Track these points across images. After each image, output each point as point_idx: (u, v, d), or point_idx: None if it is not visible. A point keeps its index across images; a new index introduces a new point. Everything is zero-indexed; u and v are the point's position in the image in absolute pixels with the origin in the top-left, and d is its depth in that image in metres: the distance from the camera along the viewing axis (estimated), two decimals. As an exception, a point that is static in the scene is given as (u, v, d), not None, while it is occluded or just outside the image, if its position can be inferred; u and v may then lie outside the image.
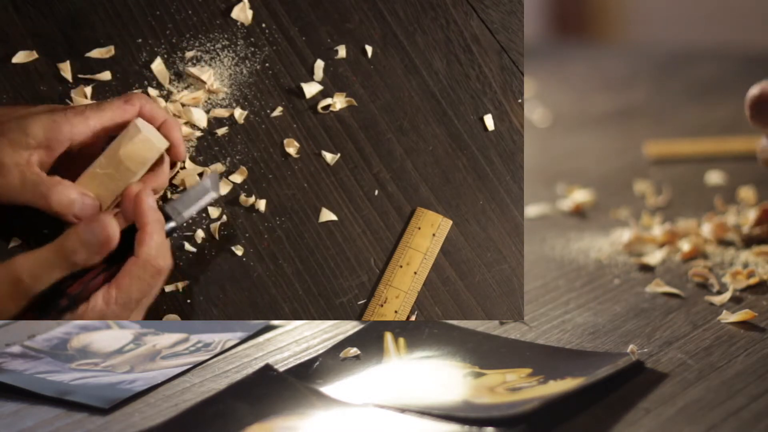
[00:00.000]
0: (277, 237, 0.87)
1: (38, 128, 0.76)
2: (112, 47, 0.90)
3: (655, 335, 0.79)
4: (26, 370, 0.78)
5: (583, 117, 1.30)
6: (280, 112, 0.90)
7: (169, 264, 0.75)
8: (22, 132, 0.76)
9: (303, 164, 0.89)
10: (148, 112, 0.80)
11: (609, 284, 0.88)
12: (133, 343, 0.83)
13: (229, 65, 0.91)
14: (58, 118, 0.77)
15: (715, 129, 1.22)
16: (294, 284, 0.86)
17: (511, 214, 0.90)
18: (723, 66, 1.45)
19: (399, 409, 0.71)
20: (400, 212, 0.89)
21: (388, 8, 0.94)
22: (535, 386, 0.73)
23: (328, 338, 0.81)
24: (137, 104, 0.79)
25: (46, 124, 0.76)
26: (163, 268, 0.74)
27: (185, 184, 0.86)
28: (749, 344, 0.78)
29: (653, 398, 0.71)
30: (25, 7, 0.90)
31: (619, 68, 1.48)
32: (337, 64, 0.92)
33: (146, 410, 0.73)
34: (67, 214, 0.76)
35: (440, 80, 0.92)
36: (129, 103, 0.79)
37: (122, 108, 0.79)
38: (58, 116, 0.77)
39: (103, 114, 0.78)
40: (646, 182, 1.07)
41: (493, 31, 0.94)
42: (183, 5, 0.92)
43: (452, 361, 0.77)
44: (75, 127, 0.77)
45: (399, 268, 0.86)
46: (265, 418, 0.70)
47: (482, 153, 0.91)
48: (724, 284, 0.87)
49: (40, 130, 0.76)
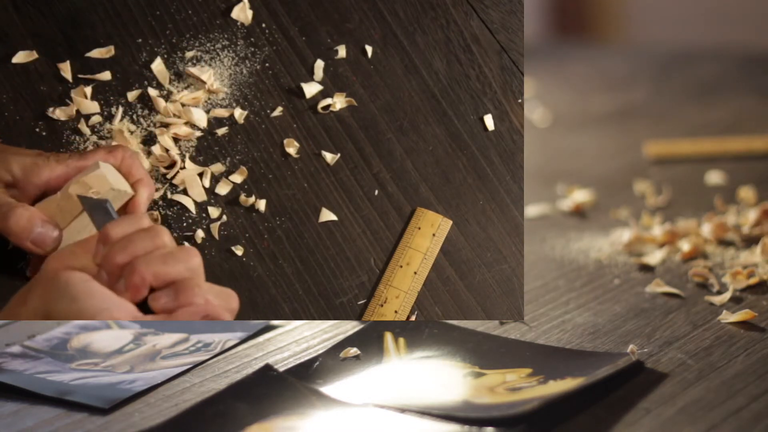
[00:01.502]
0: (277, 237, 0.87)
1: (18, 167, 0.77)
2: (112, 47, 0.90)
3: (655, 335, 0.79)
4: (26, 370, 0.78)
5: (583, 117, 1.30)
6: (280, 112, 0.90)
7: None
8: (1, 165, 0.77)
9: (303, 164, 0.89)
10: (126, 167, 0.80)
11: (609, 284, 0.88)
12: (133, 343, 0.83)
13: (229, 65, 0.91)
14: (41, 162, 0.78)
15: (715, 129, 1.22)
16: (294, 284, 0.86)
17: (511, 214, 0.90)
18: (723, 66, 1.45)
19: (399, 409, 0.71)
20: (400, 212, 0.89)
21: (388, 8, 0.94)
22: (535, 386, 0.73)
23: (328, 338, 0.81)
24: (119, 156, 0.80)
25: (27, 165, 0.78)
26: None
27: (185, 184, 0.86)
28: (749, 344, 0.78)
29: (653, 398, 0.71)
30: (25, 7, 0.90)
31: (619, 68, 1.48)
32: (337, 64, 0.92)
33: (146, 410, 0.73)
34: (24, 239, 0.76)
35: (440, 80, 0.92)
36: (111, 154, 0.79)
37: (104, 158, 0.79)
38: (41, 161, 0.78)
39: (85, 163, 0.79)
40: (646, 182, 1.08)
41: (493, 31, 0.94)
42: (183, 5, 0.92)
43: (452, 361, 0.77)
44: (53, 173, 0.78)
45: (399, 268, 0.86)
46: (265, 418, 0.70)
47: (482, 153, 0.91)
48: (724, 284, 0.87)
49: (19, 170, 0.77)
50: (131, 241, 0.70)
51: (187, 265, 0.70)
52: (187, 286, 0.69)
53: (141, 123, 0.88)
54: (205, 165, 0.87)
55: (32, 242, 0.76)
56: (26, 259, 0.81)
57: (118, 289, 0.69)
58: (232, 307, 0.71)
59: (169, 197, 0.86)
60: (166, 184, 0.86)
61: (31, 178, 0.77)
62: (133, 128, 0.88)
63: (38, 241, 0.76)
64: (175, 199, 0.86)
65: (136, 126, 0.88)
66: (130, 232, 0.71)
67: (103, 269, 0.70)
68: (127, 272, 0.69)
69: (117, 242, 0.70)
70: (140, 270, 0.69)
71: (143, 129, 0.88)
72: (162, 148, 0.87)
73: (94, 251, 0.72)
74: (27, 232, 0.76)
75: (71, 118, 0.87)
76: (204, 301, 0.69)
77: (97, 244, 0.72)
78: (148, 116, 0.88)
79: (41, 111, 0.87)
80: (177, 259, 0.70)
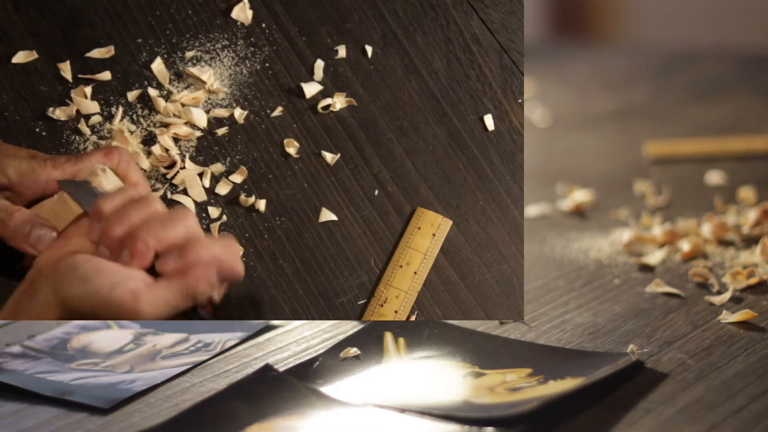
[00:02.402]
0: (277, 237, 0.87)
1: (13, 171, 0.77)
2: (112, 47, 0.90)
3: (655, 335, 0.79)
4: (26, 370, 0.78)
5: (583, 117, 1.30)
6: (280, 112, 0.90)
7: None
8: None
9: (303, 164, 0.89)
10: (123, 170, 0.79)
11: (609, 284, 0.88)
12: (133, 343, 0.83)
13: (229, 65, 0.91)
14: (37, 166, 0.77)
15: (715, 129, 1.22)
16: (294, 284, 0.86)
17: (511, 214, 0.90)
18: (723, 66, 1.45)
19: (399, 409, 0.71)
20: (400, 212, 0.89)
21: (388, 8, 0.94)
22: (535, 386, 0.73)
23: (328, 338, 0.81)
24: (116, 159, 0.79)
25: (23, 169, 0.77)
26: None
27: (185, 184, 0.86)
28: (749, 344, 0.78)
29: (653, 398, 0.71)
30: (25, 7, 0.90)
31: (619, 68, 1.48)
32: (337, 64, 0.92)
33: (146, 410, 0.73)
34: (22, 242, 0.76)
35: (440, 80, 0.92)
36: (108, 157, 0.79)
37: (100, 161, 0.78)
38: (37, 164, 0.77)
39: (82, 166, 0.78)
40: (646, 182, 1.07)
41: (493, 31, 0.94)
42: (183, 5, 0.92)
43: (452, 361, 0.77)
44: (50, 177, 0.77)
45: (399, 268, 0.86)
46: (265, 418, 0.70)
47: (482, 153, 0.91)
48: (724, 284, 0.87)
49: (15, 174, 0.77)
50: (126, 212, 0.71)
51: (186, 224, 0.71)
52: (191, 244, 0.70)
53: (141, 123, 0.88)
54: (205, 165, 0.87)
55: (31, 245, 0.76)
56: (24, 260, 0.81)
57: (122, 261, 0.70)
58: (236, 251, 0.72)
59: (169, 197, 0.86)
60: (166, 184, 0.86)
61: (26, 182, 0.77)
62: (133, 128, 0.88)
63: (36, 244, 0.76)
64: (175, 199, 0.86)
65: (136, 126, 0.88)
66: (121, 204, 0.72)
67: (103, 245, 0.71)
68: (130, 242, 0.70)
69: (112, 215, 0.71)
70: (142, 237, 0.69)
71: (143, 129, 0.88)
72: (162, 148, 0.87)
73: (87, 230, 0.72)
74: (25, 235, 0.76)
75: (71, 118, 0.87)
76: (211, 254, 0.70)
77: (90, 221, 0.72)
78: (148, 116, 0.88)
79: (41, 111, 0.87)
80: (175, 220, 0.70)
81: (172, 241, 0.70)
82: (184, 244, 0.70)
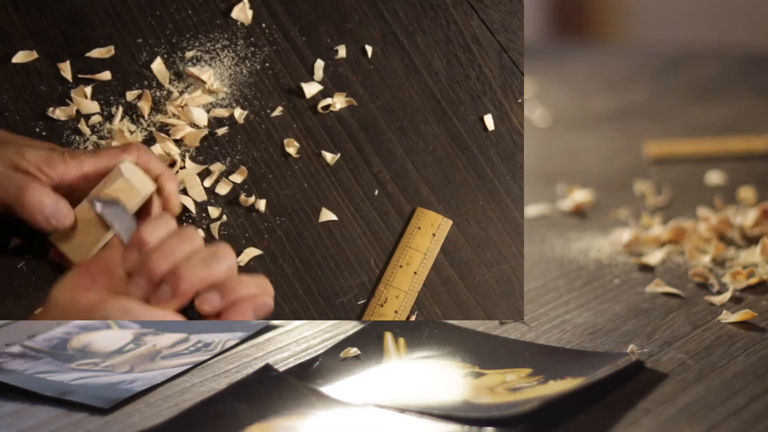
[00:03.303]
0: (277, 237, 0.87)
1: (34, 157, 0.76)
2: (112, 47, 0.90)
3: (655, 335, 0.79)
4: (26, 370, 0.78)
5: (583, 117, 1.30)
6: (280, 112, 0.90)
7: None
8: (18, 154, 0.76)
9: (303, 164, 0.89)
10: (144, 164, 0.79)
11: (609, 284, 0.88)
12: (133, 343, 0.83)
13: (229, 65, 0.91)
14: (55, 156, 0.77)
15: (715, 129, 1.22)
16: (294, 284, 0.86)
17: (511, 214, 0.90)
18: (723, 66, 1.45)
19: (399, 409, 0.71)
20: (400, 212, 0.89)
21: (388, 8, 0.94)
22: (535, 386, 0.73)
23: (328, 338, 0.81)
24: (135, 155, 0.78)
25: (42, 156, 0.76)
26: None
27: (185, 184, 0.86)
28: (749, 344, 0.78)
29: (653, 398, 0.71)
30: (25, 7, 0.90)
31: (619, 68, 1.48)
32: (337, 64, 0.92)
33: (146, 410, 0.73)
34: (38, 213, 0.75)
35: (440, 80, 0.92)
36: (126, 152, 0.78)
37: (119, 156, 0.78)
38: (55, 154, 0.77)
39: (99, 160, 0.78)
40: (646, 182, 1.08)
41: (493, 31, 0.94)
42: (183, 5, 0.92)
43: (452, 361, 0.77)
44: (68, 168, 0.77)
45: (399, 268, 0.86)
46: (265, 418, 0.70)
47: (482, 153, 0.91)
48: (724, 284, 0.87)
49: (35, 159, 0.76)
50: (170, 246, 0.70)
51: (228, 264, 0.70)
52: (230, 283, 0.70)
53: (141, 123, 0.88)
54: (205, 165, 0.87)
55: (47, 218, 0.75)
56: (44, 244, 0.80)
57: (161, 297, 0.69)
58: (271, 291, 0.72)
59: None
60: (166, 184, 0.86)
61: (45, 169, 0.76)
62: (133, 128, 0.88)
63: (53, 217, 0.75)
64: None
65: (136, 126, 0.88)
66: (165, 235, 0.71)
67: (140, 277, 0.70)
68: (173, 280, 0.69)
69: (156, 249, 0.70)
70: (187, 277, 0.69)
71: (143, 129, 0.88)
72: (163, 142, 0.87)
73: (122, 258, 0.71)
74: (42, 207, 0.75)
75: (71, 118, 0.87)
76: (249, 294, 0.70)
77: (129, 250, 0.71)
78: (148, 116, 0.88)
79: (41, 111, 0.87)
80: (218, 260, 0.70)
81: (215, 281, 0.70)
82: (223, 283, 0.70)
